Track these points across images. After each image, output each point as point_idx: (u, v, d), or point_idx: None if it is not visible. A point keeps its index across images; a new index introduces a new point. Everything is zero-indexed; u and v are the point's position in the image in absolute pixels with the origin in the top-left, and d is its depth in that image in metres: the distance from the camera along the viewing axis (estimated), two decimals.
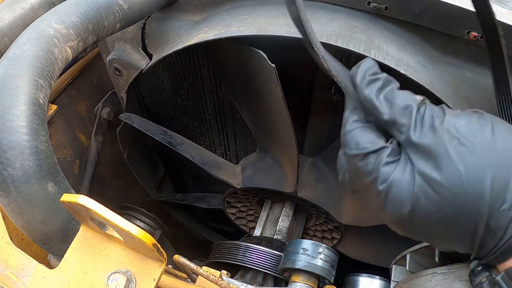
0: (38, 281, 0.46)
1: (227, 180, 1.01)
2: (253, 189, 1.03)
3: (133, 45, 0.85)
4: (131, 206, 1.06)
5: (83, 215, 0.43)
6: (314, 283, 0.78)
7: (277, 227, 1.03)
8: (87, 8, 0.60)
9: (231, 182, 1.01)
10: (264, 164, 1.02)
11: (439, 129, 0.38)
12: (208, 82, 0.93)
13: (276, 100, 0.75)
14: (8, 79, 0.50)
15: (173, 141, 1.02)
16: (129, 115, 0.99)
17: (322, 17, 0.68)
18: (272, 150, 1.00)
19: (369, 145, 0.40)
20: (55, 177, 0.50)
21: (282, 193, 0.99)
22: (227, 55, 0.79)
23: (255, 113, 0.92)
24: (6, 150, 0.47)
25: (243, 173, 1.03)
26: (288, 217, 1.05)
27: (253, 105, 0.89)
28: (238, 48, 0.73)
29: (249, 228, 1.19)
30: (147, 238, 0.40)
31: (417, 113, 0.39)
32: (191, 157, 1.01)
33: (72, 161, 1.05)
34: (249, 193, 1.07)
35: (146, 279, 0.44)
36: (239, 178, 1.03)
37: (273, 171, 1.00)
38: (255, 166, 1.03)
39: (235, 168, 1.05)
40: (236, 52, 0.75)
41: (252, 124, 0.97)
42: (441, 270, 0.52)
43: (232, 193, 1.07)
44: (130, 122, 0.97)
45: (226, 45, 0.74)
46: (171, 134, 1.03)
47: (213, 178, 1.18)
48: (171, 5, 0.79)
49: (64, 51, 0.56)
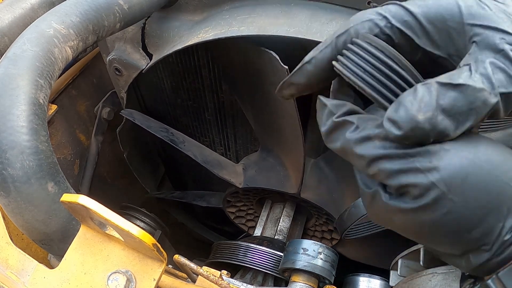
0: (38, 281, 0.46)
1: (229, 179, 1.00)
2: (255, 189, 1.03)
3: (133, 45, 0.85)
4: (131, 206, 1.06)
5: (83, 215, 0.43)
6: (314, 283, 0.78)
7: (278, 227, 1.03)
8: (87, 8, 0.60)
9: (233, 182, 1.00)
10: (266, 164, 1.01)
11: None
12: (208, 82, 0.93)
13: (286, 101, 0.75)
14: (8, 79, 0.50)
15: (175, 139, 1.01)
16: (131, 111, 0.98)
17: (322, 17, 0.68)
18: (276, 150, 0.99)
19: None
20: (55, 177, 0.50)
21: (284, 194, 0.99)
22: (233, 53, 0.79)
23: (259, 113, 0.92)
24: (6, 150, 0.47)
25: (244, 172, 1.03)
26: (289, 218, 1.05)
27: (258, 104, 0.89)
28: (247, 48, 0.73)
29: (248, 227, 1.18)
30: (147, 238, 0.40)
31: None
32: (193, 155, 1.00)
33: (72, 161, 1.05)
34: (250, 192, 1.07)
35: (146, 279, 0.44)
36: (240, 177, 1.02)
37: (276, 171, 0.99)
38: (257, 166, 1.03)
39: (236, 167, 1.05)
40: (244, 51, 0.75)
41: (255, 123, 0.96)
42: (441, 270, 0.52)
43: (233, 193, 1.06)
44: (131, 118, 0.96)
45: (234, 44, 0.74)
46: (173, 132, 1.02)
47: (213, 178, 1.17)
48: (171, 5, 0.79)
49: (64, 51, 0.56)
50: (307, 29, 0.66)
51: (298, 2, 0.71)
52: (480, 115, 0.32)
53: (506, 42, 0.33)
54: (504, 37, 0.33)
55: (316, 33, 0.65)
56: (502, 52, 0.32)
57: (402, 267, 0.64)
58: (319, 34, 0.65)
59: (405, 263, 0.64)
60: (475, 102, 0.31)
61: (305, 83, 0.41)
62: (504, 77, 0.32)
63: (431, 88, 0.32)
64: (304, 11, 0.69)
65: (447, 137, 0.33)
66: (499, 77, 0.32)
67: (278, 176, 0.99)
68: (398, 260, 0.65)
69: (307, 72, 0.40)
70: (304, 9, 0.70)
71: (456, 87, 0.31)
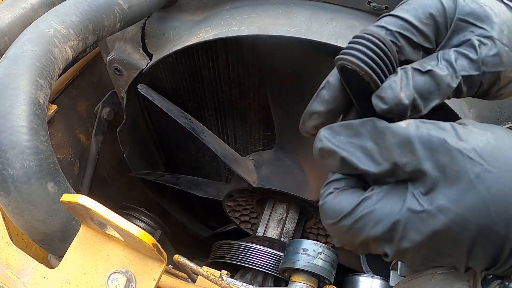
0: (38, 281, 0.46)
1: (244, 177, 0.97)
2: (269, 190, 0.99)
3: (133, 45, 0.85)
4: (131, 206, 1.06)
5: (83, 215, 0.43)
6: (314, 283, 0.77)
7: (284, 229, 1.02)
8: (87, 8, 0.60)
9: (248, 180, 0.97)
10: (282, 165, 0.99)
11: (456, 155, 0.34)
12: (208, 82, 0.93)
13: None
14: (8, 79, 0.50)
15: (196, 127, 0.95)
16: (148, 89, 0.91)
17: (322, 17, 0.68)
18: (295, 153, 0.97)
19: (348, 206, 0.38)
20: (55, 177, 0.50)
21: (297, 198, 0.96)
22: (285, 52, 0.76)
23: (290, 114, 0.90)
24: (6, 150, 0.47)
25: (257, 170, 1.00)
26: (294, 220, 1.04)
27: (293, 107, 0.87)
28: (314, 53, 0.72)
29: (240, 221, 1.16)
30: (147, 238, 0.40)
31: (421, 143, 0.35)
32: (214, 148, 0.95)
33: (72, 161, 1.05)
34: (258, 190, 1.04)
35: (146, 279, 0.44)
36: (253, 175, 0.99)
37: (293, 174, 0.97)
38: (272, 165, 1.00)
39: (248, 162, 1.02)
40: (309, 55, 0.74)
41: (280, 121, 0.94)
42: (441, 270, 0.52)
43: (240, 190, 1.03)
44: (150, 97, 0.90)
45: (290, 44, 0.71)
46: (192, 120, 0.96)
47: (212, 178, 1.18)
48: (171, 5, 0.79)
49: (64, 51, 0.56)
50: (307, 29, 0.66)
51: (298, 2, 0.71)
52: (444, 94, 0.38)
53: (474, 34, 0.39)
54: (474, 30, 0.39)
55: (316, 33, 0.65)
56: (469, 42, 0.39)
57: (402, 267, 0.63)
58: (319, 34, 0.65)
59: (405, 263, 0.64)
60: (441, 84, 0.37)
61: (326, 110, 0.41)
62: (467, 62, 0.38)
63: (408, 72, 0.37)
64: (304, 11, 0.69)
65: (419, 112, 0.37)
66: (462, 62, 0.38)
67: (295, 180, 0.96)
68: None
69: (324, 96, 0.41)
70: (304, 9, 0.70)
71: (425, 73, 0.37)
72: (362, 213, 0.37)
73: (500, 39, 0.38)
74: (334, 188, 0.40)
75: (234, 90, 0.95)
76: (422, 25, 0.39)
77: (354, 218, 0.37)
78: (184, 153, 1.22)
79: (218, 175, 1.24)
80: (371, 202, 0.37)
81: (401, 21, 0.39)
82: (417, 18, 0.39)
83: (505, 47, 0.38)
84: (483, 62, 0.38)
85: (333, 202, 0.39)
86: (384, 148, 0.36)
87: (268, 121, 1.01)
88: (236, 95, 0.96)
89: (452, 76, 0.37)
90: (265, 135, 1.05)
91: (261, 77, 0.89)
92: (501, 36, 0.39)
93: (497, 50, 0.38)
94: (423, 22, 0.39)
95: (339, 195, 0.39)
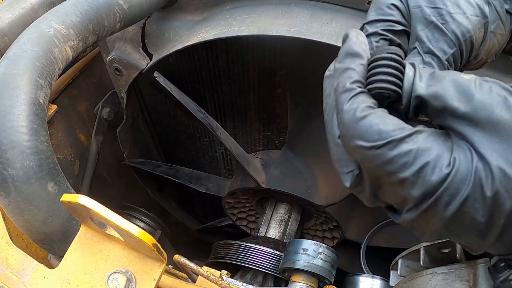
0: (38, 281, 0.46)
1: (254, 177, 0.95)
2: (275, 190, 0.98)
3: (133, 45, 0.85)
4: (131, 206, 1.06)
5: (83, 215, 0.43)
6: (314, 283, 0.77)
7: (287, 231, 1.02)
8: (87, 8, 0.60)
9: (257, 180, 0.96)
10: (291, 167, 0.98)
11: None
12: (208, 82, 0.93)
13: None
14: (8, 79, 0.50)
15: (212, 123, 0.91)
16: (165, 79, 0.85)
17: (322, 17, 0.68)
18: (306, 157, 0.97)
19: (398, 131, 0.32)
20: (55, 177, 0.50)
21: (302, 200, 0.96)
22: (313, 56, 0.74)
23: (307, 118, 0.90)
24: (6, 150, 0.47)
25: (265, 170, 0.99)
26: (297, 221, 1.05)
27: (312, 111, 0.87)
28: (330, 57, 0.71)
29: (237, 217, 1.16)
30: (147, 238, 0.40)
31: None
32: (228, 146, 0.93)
33: (72, 161, 1.05)
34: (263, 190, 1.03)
35: (146, 279, 0.44)
36: (262, 175, 0.98)
37: (302, 178, 0.96)
38: (281, 166, 0.99)
39: (255, 161, 1.01)
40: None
41: (296, 123, 0.94)
42: (441, 270, 0.52)
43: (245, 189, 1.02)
44: (169, 89, 0.85)
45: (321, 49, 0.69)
46: (208, 116, 0.93)
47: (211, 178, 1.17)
48: (171, 5, 0.79)
49: (64, 51, 0.56)
50: (307, 29, 0.66)
51: (298, 2, 0.71)
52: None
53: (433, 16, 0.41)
54: (431, 12, 0.41)
55: (316, 33, 0.65)
56: (433, 24, 0.40)
57: (402, 267, 0.63)
58: (319, 34, 0.65)
59: (405, 263, 0.64)
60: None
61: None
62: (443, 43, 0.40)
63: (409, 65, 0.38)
64: (304, 11, 0.70)
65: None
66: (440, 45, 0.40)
67: (305, 184, 0.96)
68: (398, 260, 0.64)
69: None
70: (304, 9, 0.70)
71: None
72: (415, 146, 0.31)
73: (456, 11, 0.40)
74: (371, 103, 0.34)
75: (234, 90, 0.95)
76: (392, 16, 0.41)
77: (404, 150, 0.31)
78: (184, 153, 1.22)
79: (218, 175, 1.24)
80: (427, 139, 0.32)
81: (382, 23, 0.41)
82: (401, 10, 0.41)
83: (464, 15, 0.40)
84: (455, 36, 0.40)
85: (376, 121, 0.32)
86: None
87: (268, 121, 1.01)
88: (236, 95, 0.96)
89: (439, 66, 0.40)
90: (265, 135, 1.05)
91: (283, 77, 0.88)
92: (457, 9, 0.41)
93: (459, 21, 0.40)
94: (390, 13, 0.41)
95: (384, 115, 0.33)
